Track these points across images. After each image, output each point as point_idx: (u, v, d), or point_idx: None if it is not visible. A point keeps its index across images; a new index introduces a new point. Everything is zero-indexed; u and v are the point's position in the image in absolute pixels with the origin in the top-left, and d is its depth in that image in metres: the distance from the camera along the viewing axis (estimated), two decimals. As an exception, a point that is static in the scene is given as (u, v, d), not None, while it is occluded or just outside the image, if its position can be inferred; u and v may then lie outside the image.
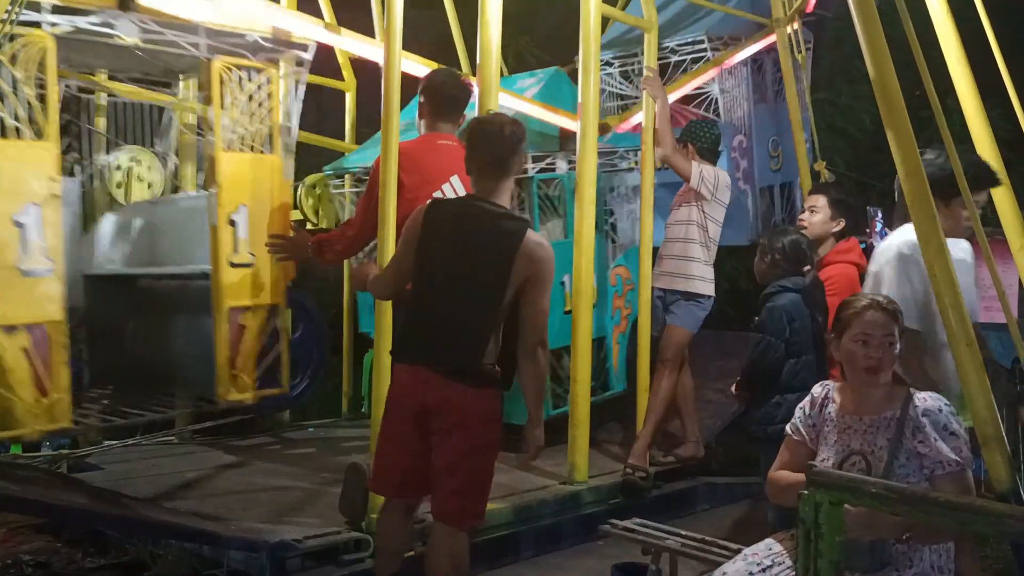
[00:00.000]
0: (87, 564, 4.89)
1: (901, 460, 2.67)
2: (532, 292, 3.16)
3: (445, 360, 3.14)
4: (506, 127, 3.23)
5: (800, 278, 3.96)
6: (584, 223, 4.80)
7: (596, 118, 4.90)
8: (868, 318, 2.78)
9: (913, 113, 2.99)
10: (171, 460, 5.22)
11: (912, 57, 3.10)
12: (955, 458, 2.63)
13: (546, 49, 9.14)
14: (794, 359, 3.82)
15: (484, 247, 3.18)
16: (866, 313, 2.80)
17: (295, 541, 3.73)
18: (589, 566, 4.33)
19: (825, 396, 2.90)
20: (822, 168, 6.33)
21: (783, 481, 2.88)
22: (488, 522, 4.24)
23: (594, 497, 4.83)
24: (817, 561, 1.83)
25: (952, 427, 2.68)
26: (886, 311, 2.81)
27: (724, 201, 5.15)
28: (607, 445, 5.74)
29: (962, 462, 2.64)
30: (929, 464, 2.66)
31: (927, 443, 2.66)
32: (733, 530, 4.77)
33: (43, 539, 5.13)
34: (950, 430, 2.67)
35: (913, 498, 1.81)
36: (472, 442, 3.14)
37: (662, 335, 5.18)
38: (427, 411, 3.14)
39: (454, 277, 3.19)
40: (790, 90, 6.33)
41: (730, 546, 3.44)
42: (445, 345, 3.17)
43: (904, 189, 3.00)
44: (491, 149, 3.21)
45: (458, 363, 3.14)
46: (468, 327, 3.16)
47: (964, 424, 3.40)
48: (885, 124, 3.01)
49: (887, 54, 2.96)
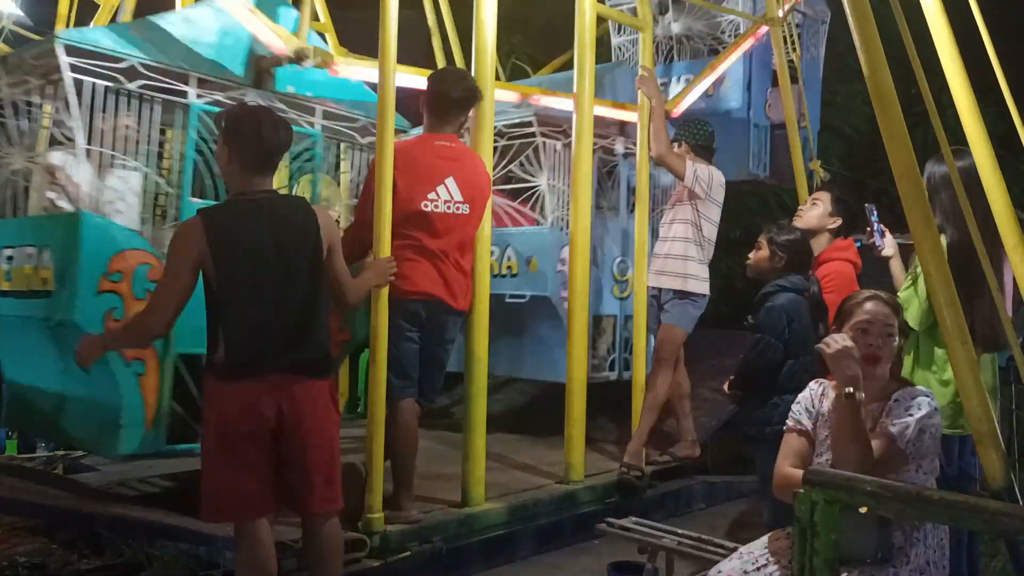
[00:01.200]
0: (83, 565, 4.87)
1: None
2: (336, 257, 3.27)
3: (300, 360, 3.08)
4: (275, 123, 3.14)
5: (800, 278, 3.93)
6: (579, 221, 4.81)
7: (591, 116, 4.90)
8: (868, 307, 2.80)
9: (907, 110, 2.99)
10: (167, 461, 5.20)
11: (906, 54, 3.10)
12: (891, 429, 2.63)
13: (539, 47, 9.14)
14: (792, 360, 3.81)
15: (290, 235, 3.12)
16: (867, 303, 2.82)
17: (292, 542, 3.72)
18: (585, 565, 4.34)
19: (822, 393, 2.90)
20: (817, 167, 6.35)
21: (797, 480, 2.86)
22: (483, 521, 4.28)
23: (590, 496, 4.83)
24: (812, 560, 1.83)
25: (912, 411, 2.67)
26: (887, 303, 2.82)
27: (718, 200, 5.16)
28: (603, 444, 5.75)
29: (893, 434, 2.63)
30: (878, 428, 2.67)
31: (888, 418, 2.68)
32: (729, 529, 4.78)
33: (39, 540, 5.11)
34: (909, 412, 2.67)
35: (908, 496, 1.82)
36: (328, 430, 3.18)
37: (656, 334, 5.19)
38: (282, 417, 3.05)
39: (276, 275, 3.08)
40: (785, 91, 6.34)
41: (726, 544, 3.44)
42: (297, 344, 3.09)
43: (899, 188, 3.01)
44: (265, 144, 3.11)
45: (312, 357, 3.12)
46: (310, 319, 3.11)
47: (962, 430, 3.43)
48: (879, 122, 3.01)
49: (881, 51, 2.96)
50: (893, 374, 2.83)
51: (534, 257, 5.53)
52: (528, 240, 5.61)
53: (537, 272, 5.51)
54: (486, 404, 4.37)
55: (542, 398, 6.99)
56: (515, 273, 5.62)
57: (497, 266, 5.64)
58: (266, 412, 3.03)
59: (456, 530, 4.17)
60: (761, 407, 3.80)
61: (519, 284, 5.60)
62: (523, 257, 5.58)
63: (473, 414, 4.28)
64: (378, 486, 3.90)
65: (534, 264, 5.53)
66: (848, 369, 2.63)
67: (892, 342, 2.78)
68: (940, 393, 3.46)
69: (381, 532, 3.90)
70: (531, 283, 5.54)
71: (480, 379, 4.30)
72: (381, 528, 3.90)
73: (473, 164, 4.13)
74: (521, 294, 5.58)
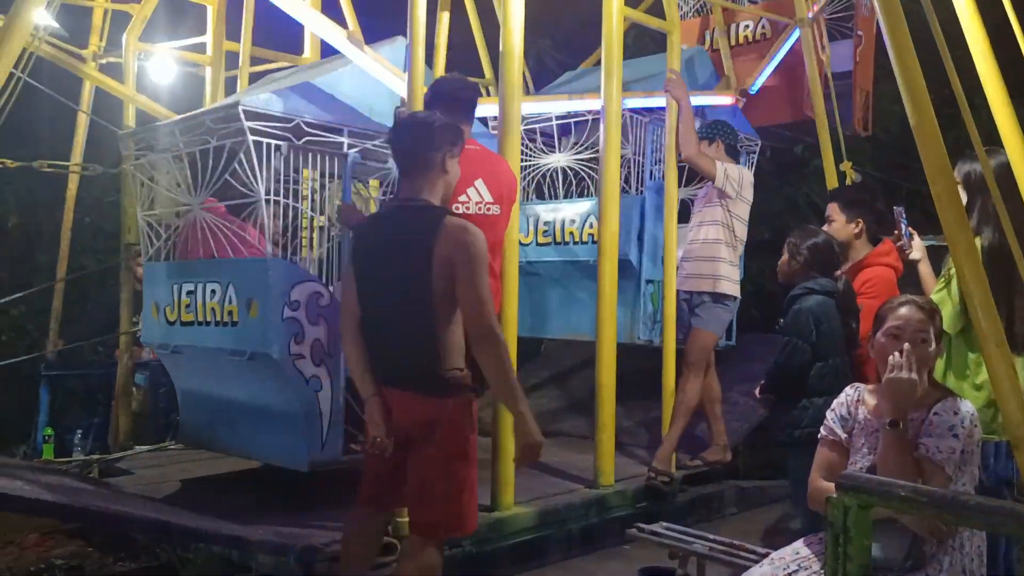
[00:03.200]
0: (118, 568, 4.95)
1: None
2: (460, 278, 2.99)
3: (403, 376, 3.08)
4: (428, 120, 3.21)
5: (828, 280, 3.90)
6: (607, 227, 4.80)
7: (619, 117, 4.90)
8: (901, 312, 2.76)
9: (939, 111, 2.96)
10: (200, 464, 5.27)
11: (938, 54, 3.06)
12: (937, 456, 2.58)
13: (566, 52, 9.13)
14: (821, 362, 3.78)
15: (400, 246, 3.08)
16: (900, 308, 2.78)
17: (323, 545, 3.75)
18: (615, 570, 4.32)
19: (857, 399, 2.87)
20: (848, 168, 6.28)
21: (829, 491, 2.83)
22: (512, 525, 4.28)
23: (620, 501, 4.82)
24: (846, 565, 1.81)
25: (956, 430, 2.61)
26: (922, 308, 2.78)
27: (748, 199, 5.14)
28: (633, 448, 5.73)
29: (940, 461, 2.57)
30: (922, 449, 2.61)
31: (929, 435, 2.62)
32: (761, 534, 4.74)
33: (75, 543, 5.20)
34: (953, 432, 2.61)
35: (943, 501, 1.79)
36: (443, 453, 3.04)
37: (687, 338, 5.16)
38: (403, 429, 3.09)
39: (383, 288, 3.10)
40: (815, 90, 6.29)
41: (757, 550, 3.42)
42: (399, 361, 3.09)
43: (931, 189, 2.97)
44: (413, 144, 3.17)
45: (415, 375, 3.05)
46: (412, 335, 3.06)
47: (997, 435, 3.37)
48: (911, 123, 2.97)
49: (912, 51, 2.93)
50: (931, 381, 2.79)
51: (254, 299, 4.19)
52: (247, 274, 4.26)
53: (257, 319, 4.15)
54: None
55: (571, 402, 6.98)
56: (235, 321, 4.30)
57: (219, 311, 4.39)
58: (395, 423, 3.11)
59: (485, 534, 4.16)
60: (791, 411, 3.77)
61: (238, 336, 4.27)
62: (243, 299, 4.23)
63: (502, 418, 4.29)
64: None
65: (254, 308, 4.20)
66: (901, 401, 2.58)
67: (927, 347, 2.73)
68: (973, 397, 3.40)
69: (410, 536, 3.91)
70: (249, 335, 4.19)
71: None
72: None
73: (499, 164, 4.19)
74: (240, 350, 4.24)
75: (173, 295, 4.69)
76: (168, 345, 4.79)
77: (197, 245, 4.59)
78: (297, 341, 4.14)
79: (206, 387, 4.83)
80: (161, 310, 4.80)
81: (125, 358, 6.29)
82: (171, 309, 4.73)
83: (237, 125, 4.11)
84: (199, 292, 4.52)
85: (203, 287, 4.49)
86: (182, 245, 4.79)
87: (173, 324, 4.72)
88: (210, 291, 4.45)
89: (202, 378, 4.84)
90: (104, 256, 8.43)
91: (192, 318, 4.58)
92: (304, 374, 4.16)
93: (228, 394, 4.63)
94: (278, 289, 4.12)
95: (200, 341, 4.55)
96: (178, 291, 4.67)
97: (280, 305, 4.11)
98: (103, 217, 8.65)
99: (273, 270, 4.14)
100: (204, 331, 4.50)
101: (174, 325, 4.71)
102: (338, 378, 4.25)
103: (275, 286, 4.12)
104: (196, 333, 4.56)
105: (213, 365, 4.58)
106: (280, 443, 4.36)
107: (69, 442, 6.41)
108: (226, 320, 4.36)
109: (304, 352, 4.15)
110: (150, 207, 4.91)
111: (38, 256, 8.89)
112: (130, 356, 6.25)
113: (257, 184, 4.14)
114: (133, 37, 6.57)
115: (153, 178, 4.80)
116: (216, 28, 6.68)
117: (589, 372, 5.34)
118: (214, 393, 4.75)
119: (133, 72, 6.51)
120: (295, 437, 4.25)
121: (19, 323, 8.85)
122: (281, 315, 4.12)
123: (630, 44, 6.96)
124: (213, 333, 4.44)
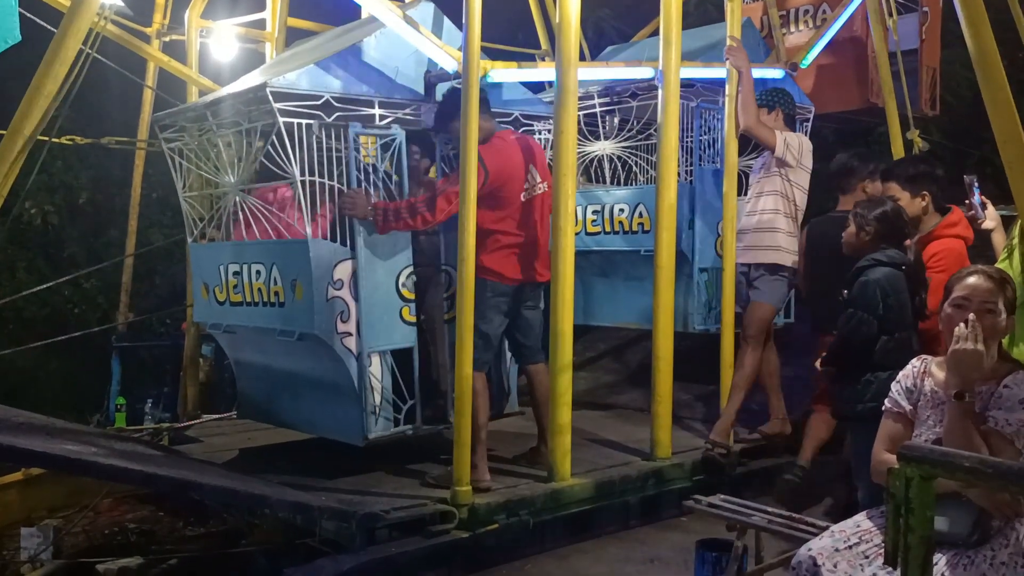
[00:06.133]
0: (188, 532, 5.13)
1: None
2: None
3: None
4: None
5: (897, 252, 3.78)
6: (665, 198, 4.75)
7: (677, 86, 4.83)
8: (968, 282, 2.68)
9: (1011, 76, 2.86)
10: (264, 433, 5.40)
11: (1010, 17, 2.96)
12: (1008, 430, 2.51)
13: (625, 20, 9.01)
14: (887, 336, 3.69)
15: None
16: (968, 278, 2.70)
17: (383, 512, 3.83)
18: (674, 541, 4.32)
19: (924, 370, 2.81)
20: (915, 137, 6.10)
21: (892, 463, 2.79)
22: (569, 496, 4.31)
23: (677, 473, 4.81)
24: (907, 537, 1.78)
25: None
26: (991, 278, 2.69)
27: (808, 167, 5.05)
28: (690, 422, 5.71)
29: (1010, 434, 2.51)
30: (991, 422, 2.56)
31: (999, 408, 2.56)
32: (820, 508, 4.69)
33: (147, 508, 5.40)
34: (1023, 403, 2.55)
35: (1010, 472, 1.75)
36: None
37: (745, 311, 5.10)
38: None
39: None
40: (882, 57, 6.12)
41: (817, 523, 3.38)
42: None
43: (1002, 157, 2.88)
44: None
45: None
46: None
47: None
48: (982, 89, 2.89)
49: (984, 16, 2.84)
50: (1001, 353, 2.71)
51: (298, 280, 4.27)
52: (290, 256, 4.31)
53: (303, 300, 4.25)
54: (571, 379, 4.38)
55: (627, 375, 6.97)
56: (282, 302, 4.38)
57: (265, 292, 4.48)
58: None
59: (543, 504, 4.21)
60: (854, 384, 3.70)
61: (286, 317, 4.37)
62: (288, 280, 4.32)
63: (559, 389, 4.31)
64: (465, 459, 3.97)
65: (299, 290, 4.27)
66: (966, 373, 2.52)
67: (994, 317, 2.66)
68: None
69: (469, 504, 3.97)
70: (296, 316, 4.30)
71: (565, 355, 4.32)
72: (469, 500, 3.97)
73: (535, 145, 4.60)
74: (288, 330, 4.35)
75: (220, 276, 4.76)
76: (220, 325, 4.88)
77: (240, 226, 4.63)
78: (343, 320, 4.21)
79: (261, 364, 4.93)
80: (211, 290, 4.87)
81: (192, 330, 6.46)
82: (220, 289, 4.79)
83: (266, 107, 4.11)
84: (244, 273, 4.58)
85: (248, 268, 4.55)
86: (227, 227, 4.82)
87: (223, 304, 4.79)
88: (255, 272, 4.51)
89: (256, 355, 4.93)
90: (171, 231, 8.65)
91: (240, 299, 4.64)
92: (353, 351, 4.24)
93: (282, 370, 4.72)
94: (321, 269, 4.17)
95: (250, 321, 4.63)
96: (224, 272, 4.73)
97: (324, 285, 4.17)
98: (171, 192, 8.86)
99: (315, 251, 4.18)
100: (253, 311, 4.56)
101: (224, 305, 4.78)
102: (387, 353, 4.33)
103: (318, 267, 4.17)
104: (246, 313, 4.63)
105: (265, 343, 4.67)
106: (335, 418, 4.45)
107: (140, 411, 6.63)
108: (273, 301, 4.42)
109: (351, 330, 4.23)
110: (190, 189, 4.96)
111: (110, 231, 9.15)
112: (197, 328, 6.41)
113: (292, 165, 4.13)
114: (195, 14, 6.69)
115: (187, 159, 4.81)
116: (276, 4, 6.76)
117: (645, 346, 5.32)
118: (269, 369, 4.85)
119: (196, 49, 6.62)
120: (349, 412, 4.33)
121: (91, 296, 9.15)
122: (325, 295, 4.18)
123: (691, 11, 6.85)
124: (262, 313, 4.50)
